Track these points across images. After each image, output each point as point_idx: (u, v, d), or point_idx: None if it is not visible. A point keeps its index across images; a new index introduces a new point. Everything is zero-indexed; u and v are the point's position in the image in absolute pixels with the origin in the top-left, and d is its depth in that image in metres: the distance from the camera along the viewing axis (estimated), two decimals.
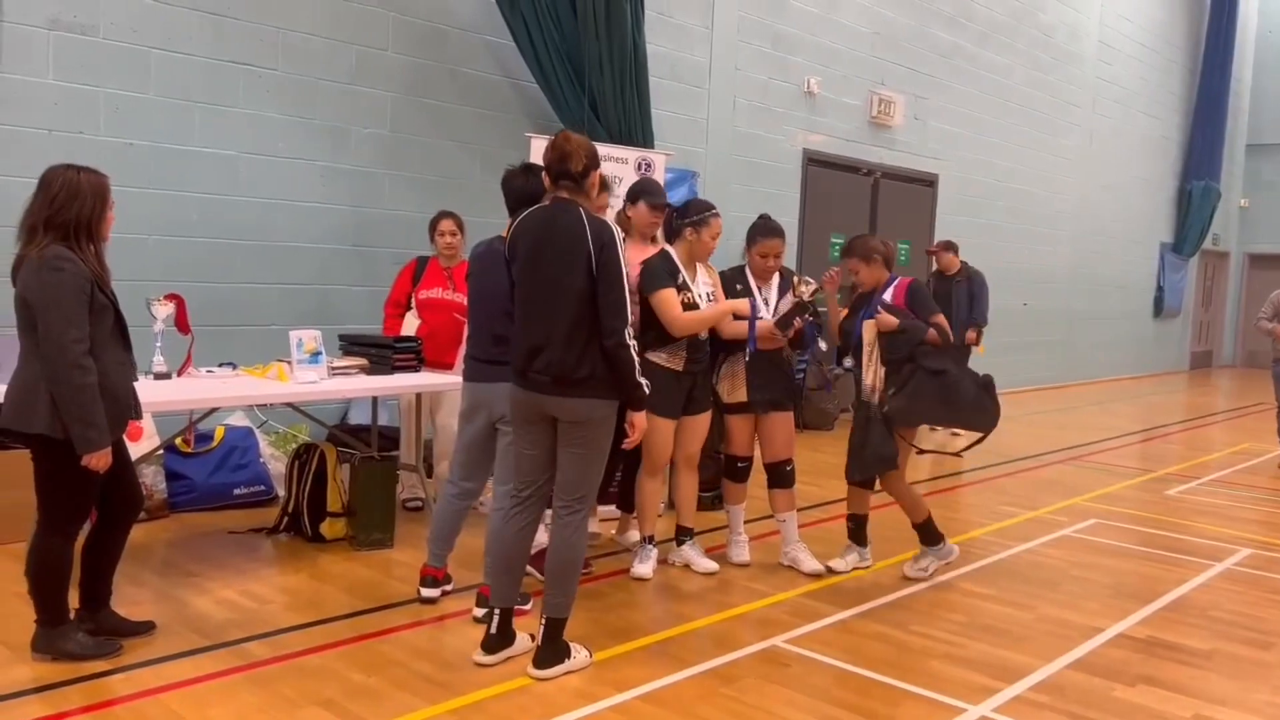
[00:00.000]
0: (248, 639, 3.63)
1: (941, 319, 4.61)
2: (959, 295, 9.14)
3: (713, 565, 4.70)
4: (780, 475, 4.85)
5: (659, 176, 5.62)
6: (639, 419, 3.53)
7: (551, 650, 3.47)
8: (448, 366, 5.43)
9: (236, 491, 5.44)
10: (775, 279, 4.81)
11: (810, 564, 4.82)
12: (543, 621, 3.49)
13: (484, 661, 3.51)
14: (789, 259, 9.84)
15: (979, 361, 9.50)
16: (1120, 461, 8.27)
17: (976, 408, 4.54)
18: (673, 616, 4.12)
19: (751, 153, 9.27)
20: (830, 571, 4.80)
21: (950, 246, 9.34)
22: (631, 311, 3.61)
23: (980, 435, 4.70)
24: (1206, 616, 4.39)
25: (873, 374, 4.75)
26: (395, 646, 3.66)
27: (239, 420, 5.77)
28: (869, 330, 4.62)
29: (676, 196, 8.30)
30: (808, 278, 4.86)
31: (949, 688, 3.50)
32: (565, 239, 3.39)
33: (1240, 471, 8.02)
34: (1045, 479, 7.38)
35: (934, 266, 9.48)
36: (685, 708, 3.26)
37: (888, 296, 4.81)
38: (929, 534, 4.81)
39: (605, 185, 4.26)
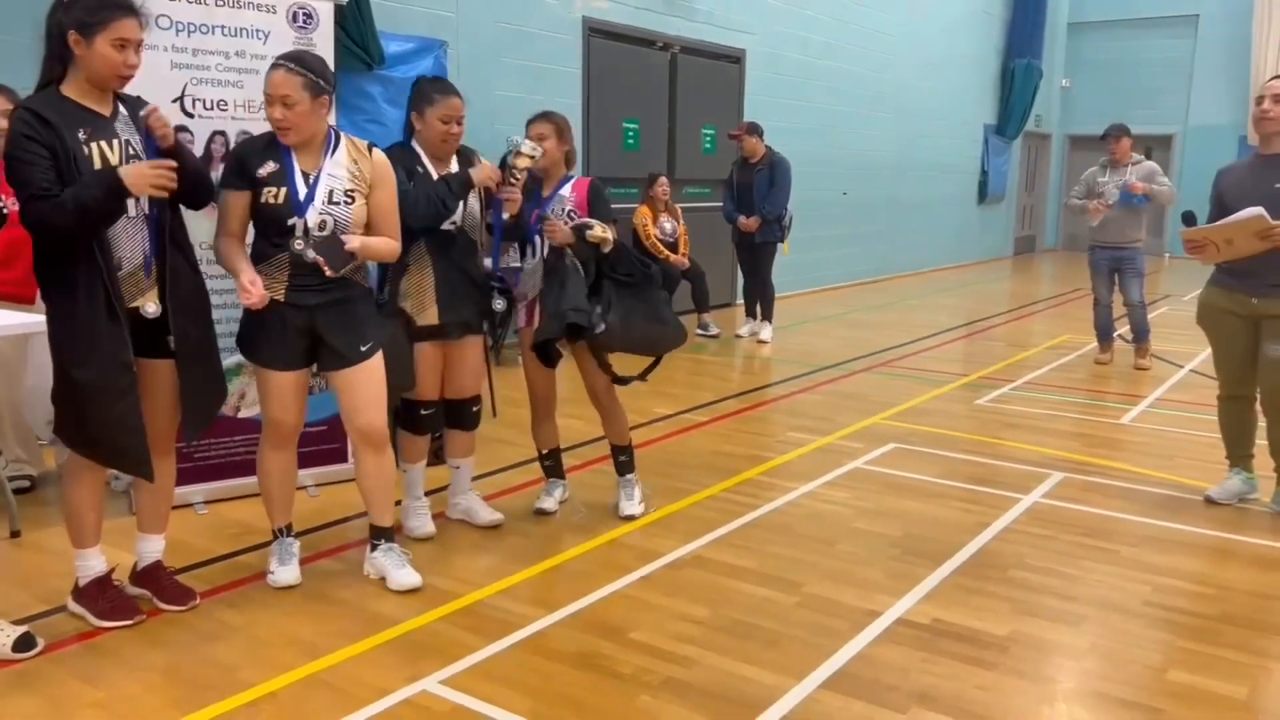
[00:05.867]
0: None
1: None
2: (760, 185, 8.12)
3: (414, 579, 3.34)
4: (464, 415, 3.86)
5: (328, 33, 4.20)
6: None
7: None
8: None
9: None
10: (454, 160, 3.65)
11: (486, 514, 3.95)
12: None
13: None
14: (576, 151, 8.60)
15: (782, 261, 8.61)
16: (932, 365, 7.50)
17: (674, 325, 3.88)
18: (276, 656, 2.94)
19: (518, 20, 7.83)
20: (541, 513, 4.08)
21: (755, 130, 8.28)
22: None
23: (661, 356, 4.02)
24: (1007, 579, 3.52)
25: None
26: None
27: None
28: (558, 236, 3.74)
29: (420, 69, 6.85)
30: (522, 144, 3.61)
31: None
32: None
33: (1056, 370, 7.36)
34: (847, 392, 6.51)
35: (738, 153, 8.42)
36: None
37: (567, 192, 3.85)
38: (629, 460, 4.17)
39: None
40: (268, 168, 3.12)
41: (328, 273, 3.11)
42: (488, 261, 3.77)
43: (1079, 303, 10.82)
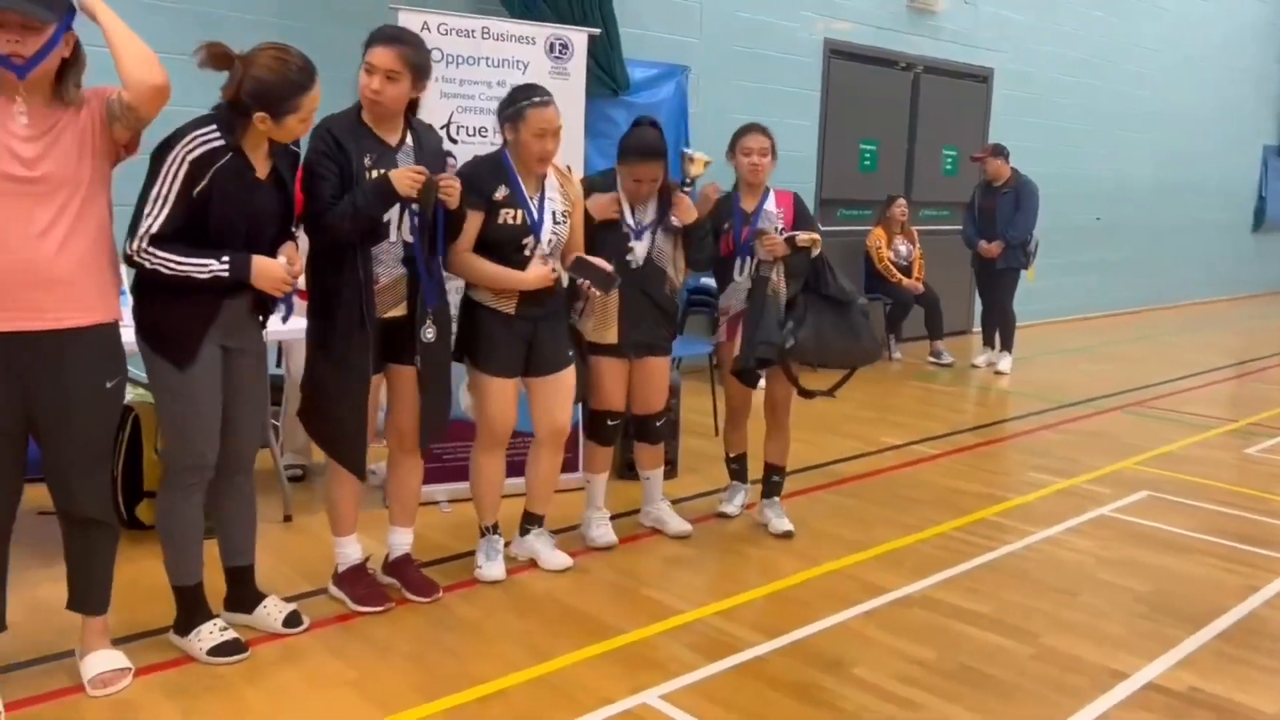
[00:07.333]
0: None
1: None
2: (1004, 209, 7.76)
3: (564, 560, 3.69)
4: (650, 430, 3.97)
5: (581, 62, 4.40)
6: None
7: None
8: None
9: None
10: (653, 200, 3.77)
11: (676, 524, 4.08)
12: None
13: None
14: (809, 171, 8.56)
15: (1027, 288, 8.17)
16: (1193, 408, 6.88)
17: (869, 339, 3.95)
18: (508, 654, 3.08)
19: (758, 43, 7.89)
20: (722, 516, 4.27)
21: (1000, 152, 7.94)
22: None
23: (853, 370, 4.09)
24: None
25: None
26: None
27: None
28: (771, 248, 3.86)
29: (662, 94, 7.07)
30: (695, 153, 3.78)
31: None
32: None
33: None
34: (1094, 432, 6.08)
35: (981, 176, 8.10)
36: None
37: (772, 207, 3.93)
38: (782, 482, 4.26)
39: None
40: (501, 192, 3.32)
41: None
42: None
43: None
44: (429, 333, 3.16)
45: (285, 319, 2.99)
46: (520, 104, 3.31)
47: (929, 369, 8.04)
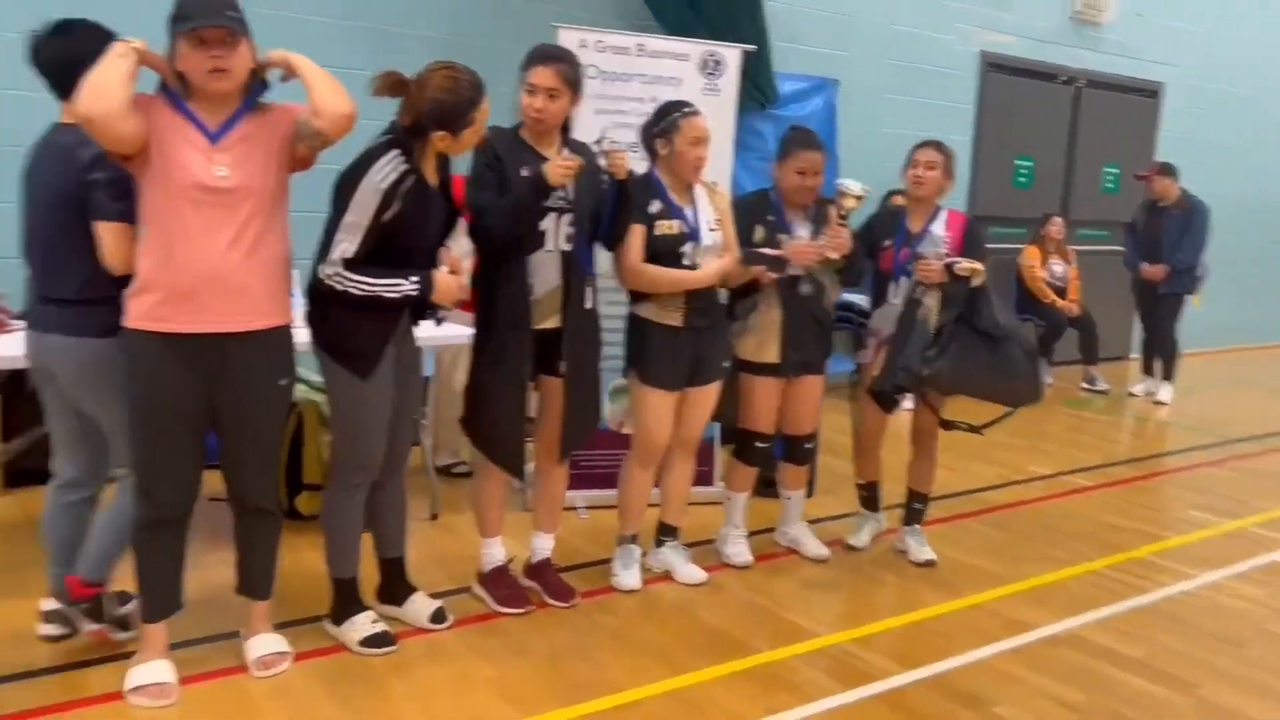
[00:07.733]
0: None
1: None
2: (1170, 230, 7.36)
3: (700, 574, 3.71)
4: (798, 451, 3.94)
5: (734, 78, 4.41)
6: None
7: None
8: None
9: None
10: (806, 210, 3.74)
11: (814, 547, 4.03)
12: None
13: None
14: (960, 187, 8.26)
15: (1192, 313, 7.72)
16: None
17: (1025, 379, 3.68)
18: (643, 665, 3.10)
19: (912, 56, 7.73)
20: (850, 549, 4.12)
21: (1168, 170, 7.54)
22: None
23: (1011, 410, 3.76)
24: None
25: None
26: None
27: None
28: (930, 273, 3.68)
29: (810, 108, 7.01)
30: (851, 185, 3.61)
31: None
32: None
33: None
34: (1267, 471, 5.69)
35: (1146, 195, 7.71)
36: None
37: (940, 230, 3.75)
38: (924, 509, 4.11)
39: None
40: (655, 205, 3.40)
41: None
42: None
43: None
44: (588, 300, 3.28)
45: (439, 323, 3.12)
46: (673, 115, 3.41)
47: (1082, 395, 7.70)
